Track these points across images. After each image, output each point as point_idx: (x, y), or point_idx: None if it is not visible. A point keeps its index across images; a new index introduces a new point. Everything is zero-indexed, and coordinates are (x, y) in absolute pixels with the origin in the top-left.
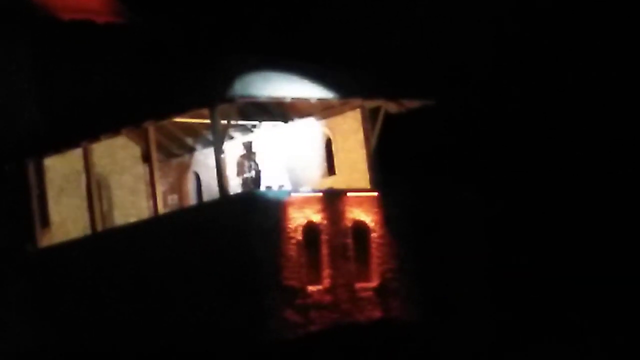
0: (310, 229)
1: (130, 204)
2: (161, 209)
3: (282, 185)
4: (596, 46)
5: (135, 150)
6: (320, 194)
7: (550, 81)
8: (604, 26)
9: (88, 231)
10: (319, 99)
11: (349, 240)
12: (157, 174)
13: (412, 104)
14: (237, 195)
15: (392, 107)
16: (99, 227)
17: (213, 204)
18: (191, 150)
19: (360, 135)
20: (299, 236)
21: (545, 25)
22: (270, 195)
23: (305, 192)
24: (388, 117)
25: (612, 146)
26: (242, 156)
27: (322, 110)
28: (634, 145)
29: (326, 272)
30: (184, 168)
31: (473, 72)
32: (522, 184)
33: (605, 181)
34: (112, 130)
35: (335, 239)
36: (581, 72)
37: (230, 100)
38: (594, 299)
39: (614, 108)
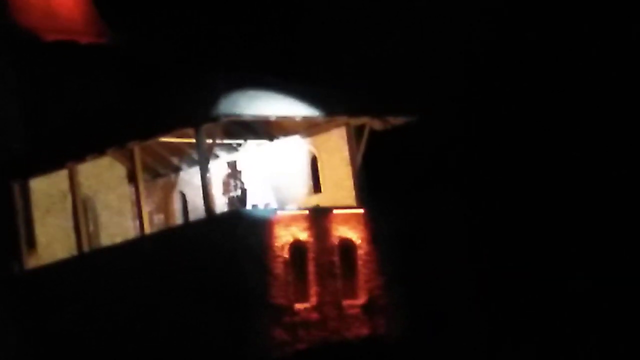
0: (297, 247)
1: (117, 224)
2: (147, 229)
3: (268, 204)
4: (577, 57)
5: (121, 171)
6: (307, 212)
7: (532, 92)
8: (582, 38)
9: (74, 252)
10: (304, 117)
11: (336, 258)
12: (143, 194)
13: (397, 120)
14: (223, 214)
15: (377, 125)
16: (86, 248)
17: (199, 223)
18: (177, 169)
19: (346, 153)
20: (286, 254)
21: (527, 41)
22: (257, 213)
23: (291, 210)
24: (373, 134)
25: (595, 156)
26: (228, 175)
27: (307, 128)
28: (627, 148)
29: (313, 289)
30: (170, 187)
31: (456, 87)
32: (507, 194)
33: (595, 190)
34: (98, 150)
35: (322, 257)
36: (562, 79)
37: (215, 119)
38: (586, 305)
39: (598, 117)
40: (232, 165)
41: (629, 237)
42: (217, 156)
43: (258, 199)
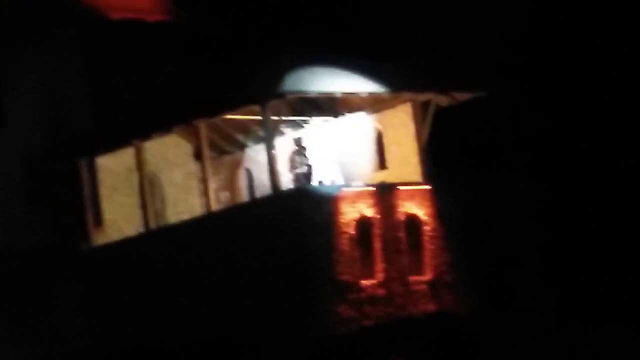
0: (363, 223)
1: (183, 202)
2: (214, 206)
3: (334, 180)
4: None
5: (187, 148)
6: (373, 188)
7: (606, 67)
8: None
9: (141, 229)
10: (369, 94)
11: (402, 234)
12: (209, 171)
13: (463, 96)
14: (289, 190)
15: (442, 100)
16: (152, 225)
17: (265, 200)
18: (242, 146)
19: (412, 129)
20: (352, 230)
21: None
22: (322, 190)
23: (357, 186)
24: (439, 110)
25: None
26: (294, 152)
27: (373, 104)
28: None
29: (379, 266)
30: (236, 165)
31: (524, 62)
32: (576, 174)
33: None
34: (164, 128)
35: (388, 233)
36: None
37: (281, 96)
38: None
39: None
40: (298, 142)
41: None
42: (282, 133)
43: (324, 176)
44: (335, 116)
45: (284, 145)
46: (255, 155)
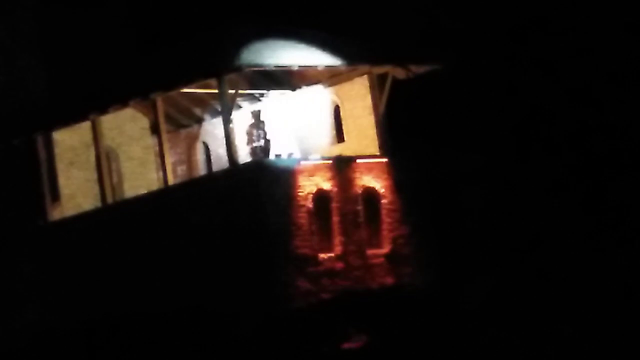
0: (321, 196)
1: (140, 176)
2: (171, 180)
3: (292, 154)
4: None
5: (144, 122)
6: (330, 161)
7: (561, 42)
8: None
9: (98, 204)
10: (326, 66)
11: (360, 207)
12: (166, 145)
13: (419, 69)
14: (246, 164)
15: (399, 73)
16: (109, 199)
17: (223, 173)
18: (200, 120)
19: (369, 102)
20: (310, 204)
21: None
22: (280, 163)
23: (314, 159)
24: (396, 82)
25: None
26: (251, 125)
27: (330, 77)
28: None
29: (337, 239)
30: (193, 138)
31: (479, 35)
32: (533, 146)
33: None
34: (120, 102)
35: (346, 206)
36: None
37: (238, 69)
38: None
39: None
40: (255, 115)
41: None
42: (240, 106)
43: (281, 149)
44: (293, 89)
45: (241, 118)
46: (213, 129)
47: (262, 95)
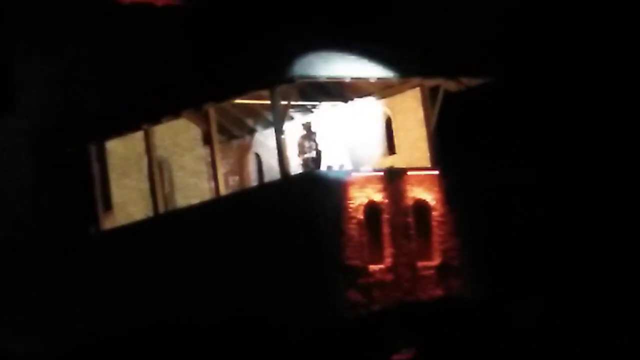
0: (372, 208)
1: (192, 186)
2: (223, 191)
3: (343, 165)
4: None
5: (196, 132)
6: (381, 173)
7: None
8: None
9: (150, 213)
10: (378, 78)
11: (410, 219)
12: (218, 156)
13: (471, 82)
14: (298, 175)
15: (451, 86)
16: (161, 209)
17: (274, 184)
18: (251, 131)
19: (420, 114)
20: (360, 215)
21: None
22: (331, 175)
23: (366, 171)
24: (448, 95)
25: None
26: (303, 136)
27: (382, 89)
28: None
29: (388, 251)
30: (245, 149)
31: (534, 49)
32: (580, 158)
33: None
34: (173, 112)
35: (397, 218)
36: None
37: (290, 81)
38: None
39: None
40: (307, 126)
41: None
42: (291, 118)
43: (333, 161)
44: (345, 101)
45: (293, 130)
46: (265, 140)
47: (313, 106)
